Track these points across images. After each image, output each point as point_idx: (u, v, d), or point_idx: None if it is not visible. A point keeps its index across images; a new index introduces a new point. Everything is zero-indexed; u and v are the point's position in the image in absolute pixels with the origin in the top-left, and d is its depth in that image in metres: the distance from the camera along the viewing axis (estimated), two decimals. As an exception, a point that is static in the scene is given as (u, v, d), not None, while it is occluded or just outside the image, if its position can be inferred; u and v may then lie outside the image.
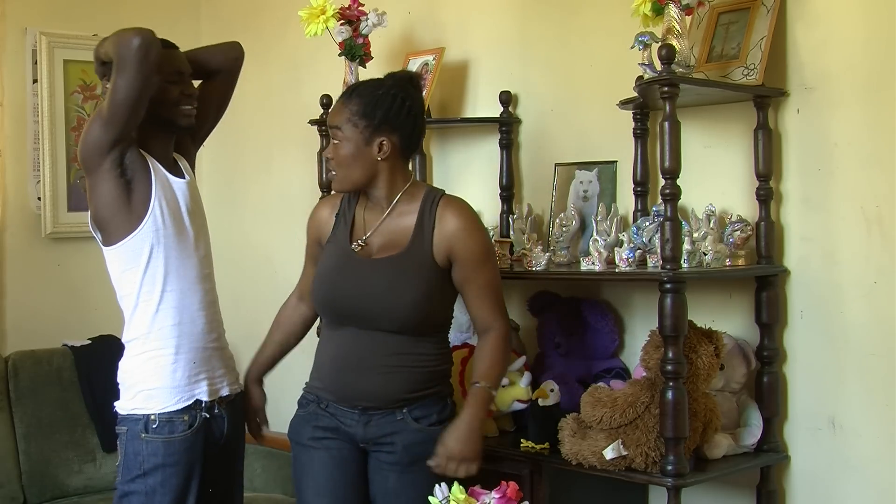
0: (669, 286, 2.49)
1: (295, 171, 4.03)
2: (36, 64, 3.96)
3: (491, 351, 2.51)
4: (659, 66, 2.53)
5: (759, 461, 2.75)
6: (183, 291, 2.50)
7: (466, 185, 3.44)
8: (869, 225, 2.63)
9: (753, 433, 2.76)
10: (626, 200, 3.04)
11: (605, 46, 3.09)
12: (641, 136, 2.97)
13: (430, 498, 2.06)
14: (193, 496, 2.47)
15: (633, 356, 3.01)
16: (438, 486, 2.07)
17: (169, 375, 2.47)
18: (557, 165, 3.21)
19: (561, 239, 3.01)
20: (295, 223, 3.98)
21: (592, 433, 2.65)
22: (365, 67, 3.37)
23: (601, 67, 3.12)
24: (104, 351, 3.58)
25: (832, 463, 2.72)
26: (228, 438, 2.56)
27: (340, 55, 3.38)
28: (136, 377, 2.49)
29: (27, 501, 3.54)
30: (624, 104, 2.92)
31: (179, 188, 2.53)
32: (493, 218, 3.34)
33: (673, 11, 2.58)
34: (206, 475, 2.50)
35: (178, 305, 2.49)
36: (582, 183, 3.13)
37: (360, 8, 3.36)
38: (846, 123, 2.67)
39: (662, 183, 2.52)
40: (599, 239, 2.84)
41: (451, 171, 3.56)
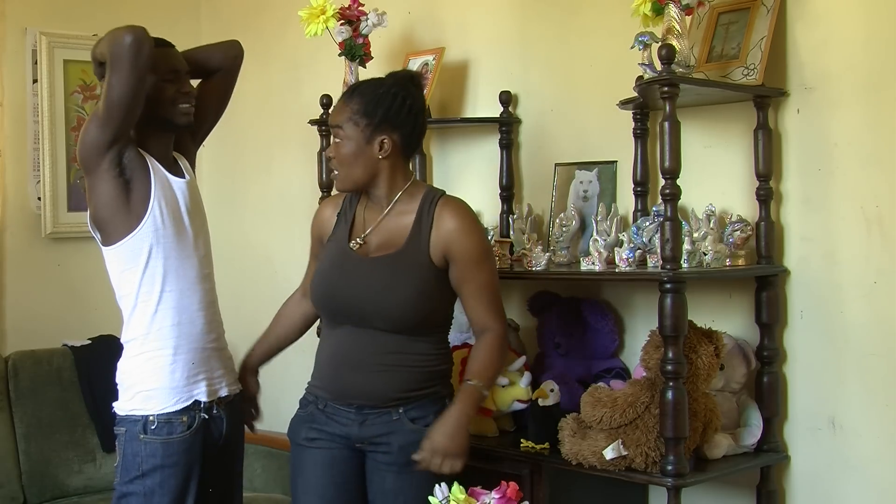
0: (669, 286, 2.49)
1: (295, 171, 4.03)
2: (36, 64, 3.96)
3: (486, 351, 2.50)
4: (659, 66, 2.53)
5: (759, 461, 2.75)
6: (182, 291, 2.49)
7: (466, 185, 3.44)
8: (869, 225, 2.63)
9: (753, 433, 2.76)
10: (626, 200, 3.04)
11: (605, 46, 3.09)
12: (641, 136, 2.97)
13: (430, 498, 2.05)
14: (192, 497, 2.47)
15: (633, 356, 3.01)
16: (438, 486, 2.07)
17: (167, 376, 2.46)
18: (557, 165, 3.21)
19: (561, 239, 3.01)
20: (295, 223, 4.00)
21: (592, 433, 2.65)
22: (365, 67, 3.37)
23: (601, 67, 3.12)
24: (104, 351, 3.58)
25: (832, 463, 2.72)
26: (227, 439, 2.56)
27: (340, 55, 3.38)
28: (134, 378, 2.48)
29: (27, 501, 3.54)
30: (624, 104, 2.92)
31: (179, 188, 2.53)
32: (493, 218, 3.35)
33: (673, 11, 2.58)
34: (204, 476, 2.50)
35: (177, 306, 2.48)
36: (582, 183, 3.13)
37: (360, 8, 3.36)
38: (846, 123, 2.67)
39: (662, 183, 2.52)
40: (599, 239, 2.83)
41: (451, 171, 3.56)
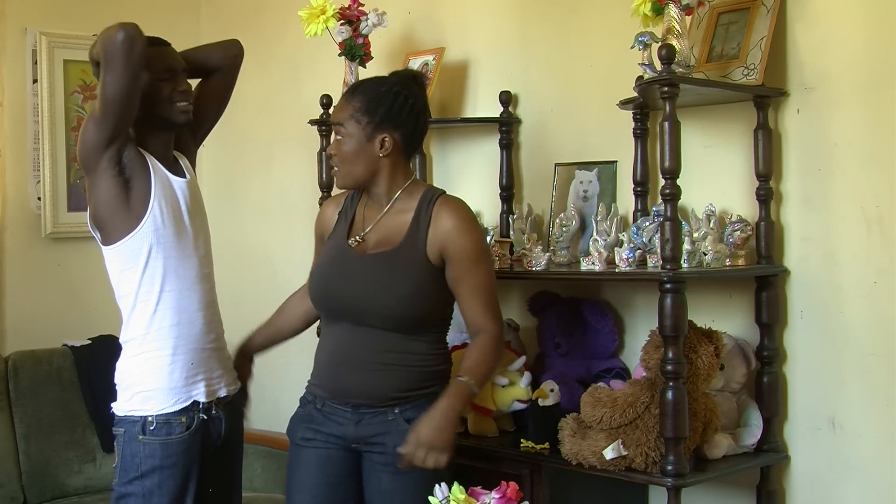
0: (669, 286, 2.49)
1: (295, 171, 4.03)
2: (36, 64, 3.96)
3: (479, 350, 2.47)
4: (659, 66, 2.53)
5: (759, 461, 2.75)
6: (182, 291, 2.49)
7: (466, 185, 3.44)
8: (869, 225, 2.63)
9: (753, 433, 2.75)
10: (626, 200, 3.04)
11: (605, 46, 3.09)
12: (641, 136, 2.97)
13: (430, 498, 2.05)
14: (191, 498, 2.46)
15: (633, 356, 3.01)
16: (438, 486, 2.07)
17: (166, 377, 2.46)
18: (557, 165, 3.21)
19: (561, 239, 3.01)
20: (295, 223, 4.00)
21: (592, 433, 2.65)
22: (365, 67, 3.37)
23: (601, 67, 3.12)
24: (104, 351, 3.57)
25: (832, 463, 2.72)
26: (226, 440, 2.55)
27: (340, 55, 3.38)
28: (133, 378, 2.48)
29: (27, 501, 3.54)
30: (624, 104, 2.92)
31: (179, 187, 2.52)
32: (493, 218, 3.35)
33: (673, 11, 2.58)
34: (203, 476, 2.49)
35: (176, 306, 2.48)
36: (582, 183, 3.13)
37: (360, 8, 3.36)
38: (846, 123, 2.67)
39: (662, 183, 2.52)
40: (599, 239, 2.83)
41: (451, 171, 3.56)
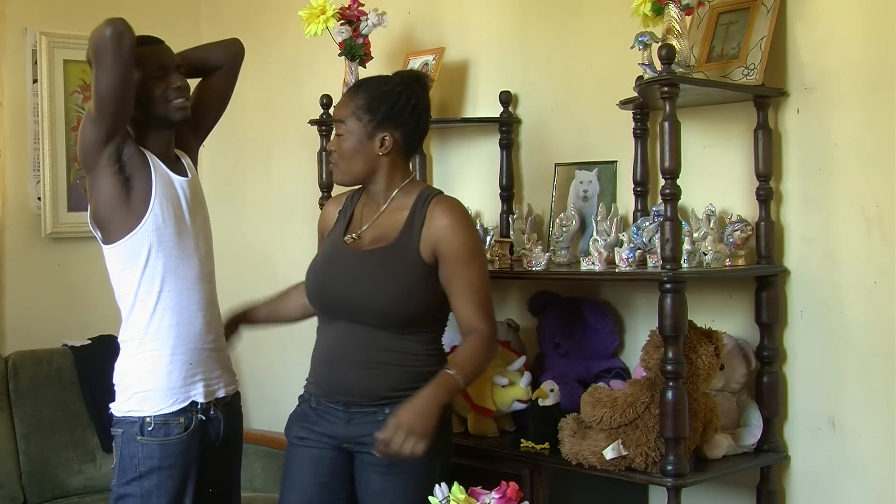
0: (669, 286, 2.49)
1: (295, 171, 4.02)
2: (36, 64, 3.96)
3: (469, 348, 2.44)
4: (659, 66, 2.53)
5: (759, 461, 2.75)
6: (181, 291, 2.48)
7: (466, 184, 3.44)
8: (869, 225, 2.63)
9: (753, 433, 2.75)
10: (626, 200, 3.04)
11: (605, 46, 3.09)
12: (641, 136, 2.97)
13: (430, 498, 2.05)
14: (190, 498, 2.46)
15: (633, 356, 3.01)
16: (438, 486, 2.07)
17: (164, 377, 2.45)
18: (557, 165, 3.21)
19: (561, 239, 3.01)
20: (295, 223, 4.00)
21: (592, 433, 2.65)
22: (365, 67, 3.37)
23: (601, 67, 3.12)
24: (104, 351, 3.55)
25: (832, 463, 2.72)
26: (225, 440, 2.55)
27: (340, 55, 3.38)
28: (131, 378, 2.47)
29: (27, 501, 3.54)
30: (624, 104, 2.92)
31: (181, 185, 2.51)
32: (493, 218, 3.34)
33: (673, 11, 2.58)
34: (202, 477, 2.49)
35: (175, 306, 2.47)
36: (582, 183, 3.13)
37: (360, 8, 3.36)
38: (846, 123, 2.67)
39: (662, 183, 2.52)
40: (599, 239, 2.83)
41: (450, 171, 3.56)
